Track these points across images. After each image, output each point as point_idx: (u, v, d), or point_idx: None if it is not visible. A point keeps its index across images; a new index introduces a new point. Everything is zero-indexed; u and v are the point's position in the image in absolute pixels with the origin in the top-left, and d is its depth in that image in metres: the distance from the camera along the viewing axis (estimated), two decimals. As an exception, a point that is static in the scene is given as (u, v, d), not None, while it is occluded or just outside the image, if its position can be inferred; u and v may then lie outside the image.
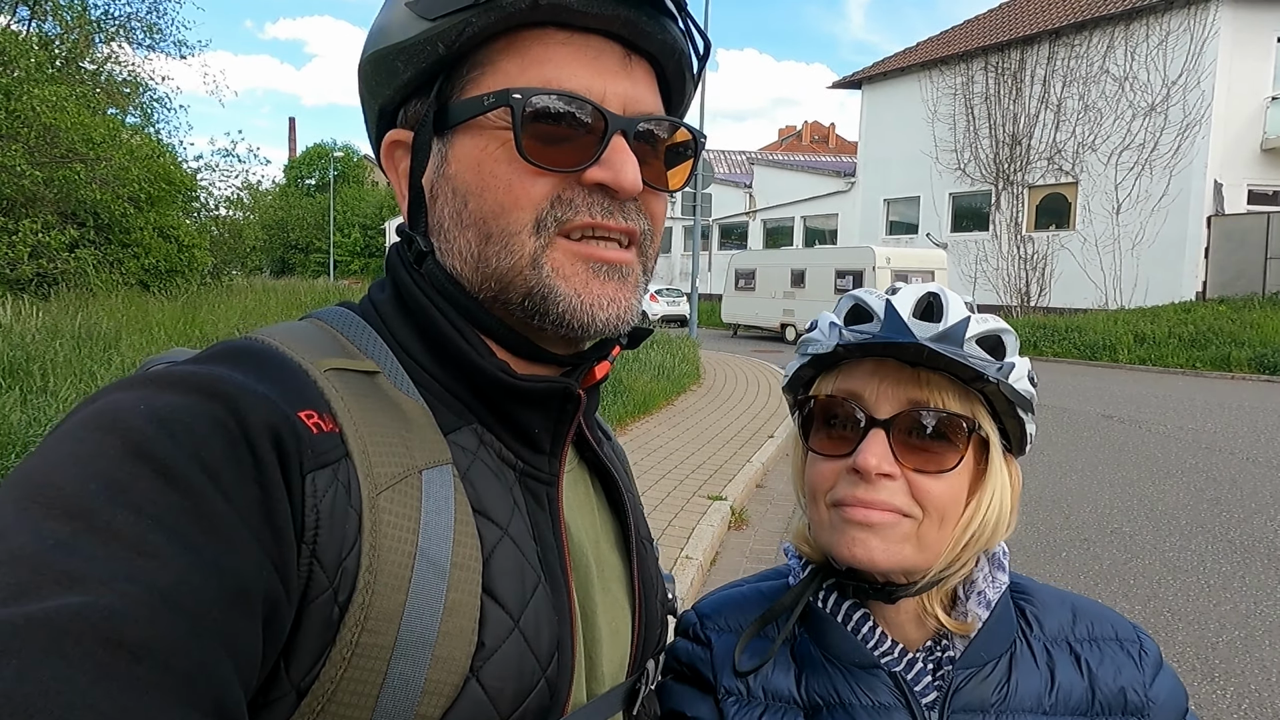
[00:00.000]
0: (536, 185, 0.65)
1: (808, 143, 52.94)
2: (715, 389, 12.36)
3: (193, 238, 16.60)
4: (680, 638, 0.98)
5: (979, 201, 25.48)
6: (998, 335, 0.87)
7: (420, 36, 0.66)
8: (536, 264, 0.66)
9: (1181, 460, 8.10)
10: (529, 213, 0.65)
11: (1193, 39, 20.48)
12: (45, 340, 6.75)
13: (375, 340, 0.70)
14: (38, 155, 12.31)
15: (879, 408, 0.84)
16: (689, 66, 0.74)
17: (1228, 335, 16.73)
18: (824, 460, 0.87)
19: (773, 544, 5.64)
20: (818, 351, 0.89)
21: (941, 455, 0.84)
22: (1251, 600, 4.65)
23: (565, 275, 0.66)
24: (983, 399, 0.86)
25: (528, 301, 0.67)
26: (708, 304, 29.90)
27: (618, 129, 0.66)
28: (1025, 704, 0.85)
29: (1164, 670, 0.90)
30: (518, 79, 0.66)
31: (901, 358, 0.84)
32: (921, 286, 0.89)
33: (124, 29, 18.13)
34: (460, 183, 0.68)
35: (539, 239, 0.66)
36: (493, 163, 0.66)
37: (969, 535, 0.86)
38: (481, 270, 0.68)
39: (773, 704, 0.89)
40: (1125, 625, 0.93)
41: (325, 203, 54.26)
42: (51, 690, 0.38)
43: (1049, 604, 0.93)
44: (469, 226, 0.67)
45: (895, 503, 0.82)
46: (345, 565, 0.55)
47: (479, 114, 0.66)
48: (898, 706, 0.84)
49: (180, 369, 0.57)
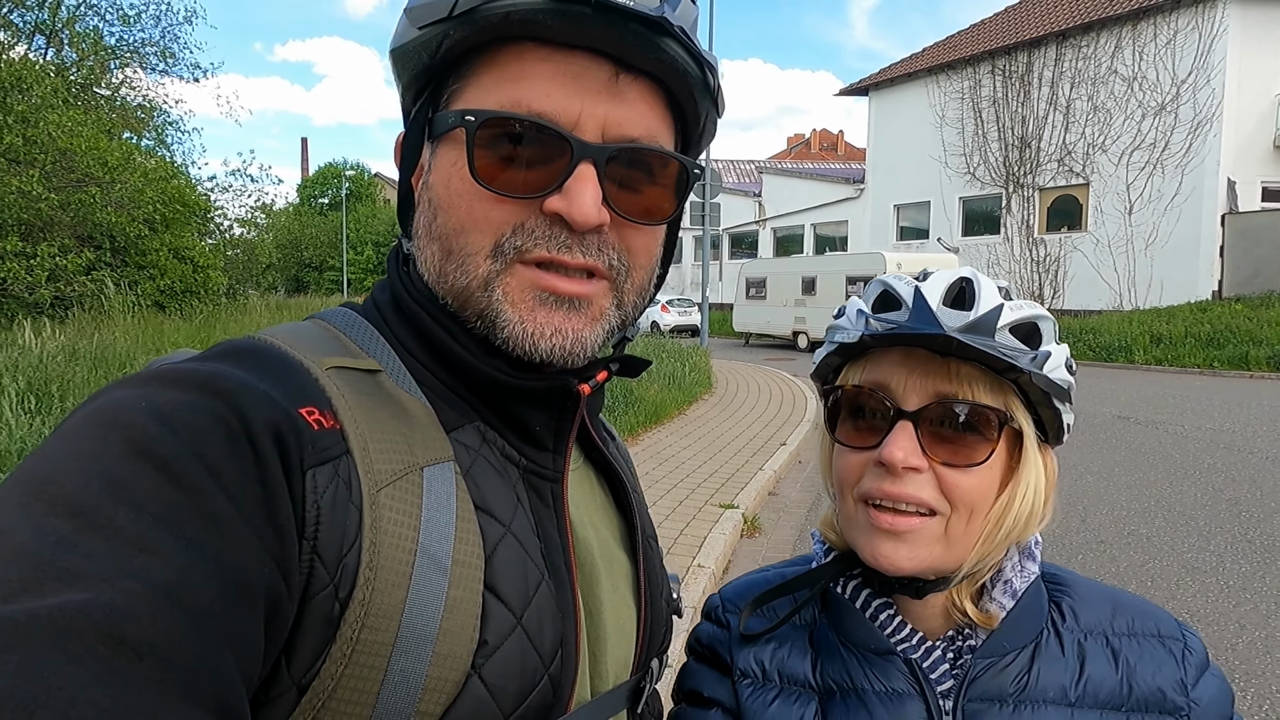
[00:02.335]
0: (496, 210, 0.64)
1: (816, 150, 52.88)
2: (727, 398, 12.33)
3: (207, 258, 16.76)
4: (704, 620, 0.98)
5: (990, 205, 25.35)
6: (1033, 322, 0.83)
7: (410, 44, 0.67)
8: (488, 287, 0.65)
9: (1199, 460, 8.00)
10: (488, 237, 0.65)
11: (1201, 37, 20.35)
12: (64, 361, 6.84)
13: (377, 340, 0.70)
14: (54, 180, 12.48)
15: (907, 399, 0.82)
16: (701, 86, 0.69)
17: (1245, 334, 16.54)
18: (851, 452, 0.85)
19: (786, 552, 5.61)
20: (844, 340, 0.86)
21: (971, 449, 0.81)
22: (1273, 601, 4.58)
23: (514, 301, 0.65)
24: (1016, 389, 0.83)
25: (480, 322, 0.67)
26: (719, 313, 29.82)
27: (585, 157, 0.63)
28: (1047, 695, 0.82)
29: (1210, 671, 0.87)
30: (489, 95, 0.65)
31: (930, 347, 0.81)
32: (954, 272, 0.85)
33: (138, 55, 18.41)
34: (433, 194, 0.68)
35: (495, 263, 0.65)
36: (459, 180, 0.65)
37: (1002, 530, 0.83)
38: (441, 284, 0.68)
39: (787, 687, 0.88)
40: (1169, 622, 0.89)
41: (338, 221, 54.69)
42: (53, 687, 0.38)
43: (1087, 597, 0.90)
44: (435, 239, 0.68)
45: (922, 496, 0.80)
46: (346, 561, 0.55)
47: (450, 129, 0.66)
48: (911, 694, 0.83)
49: (182, 366, 0.57)
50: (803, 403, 11.83)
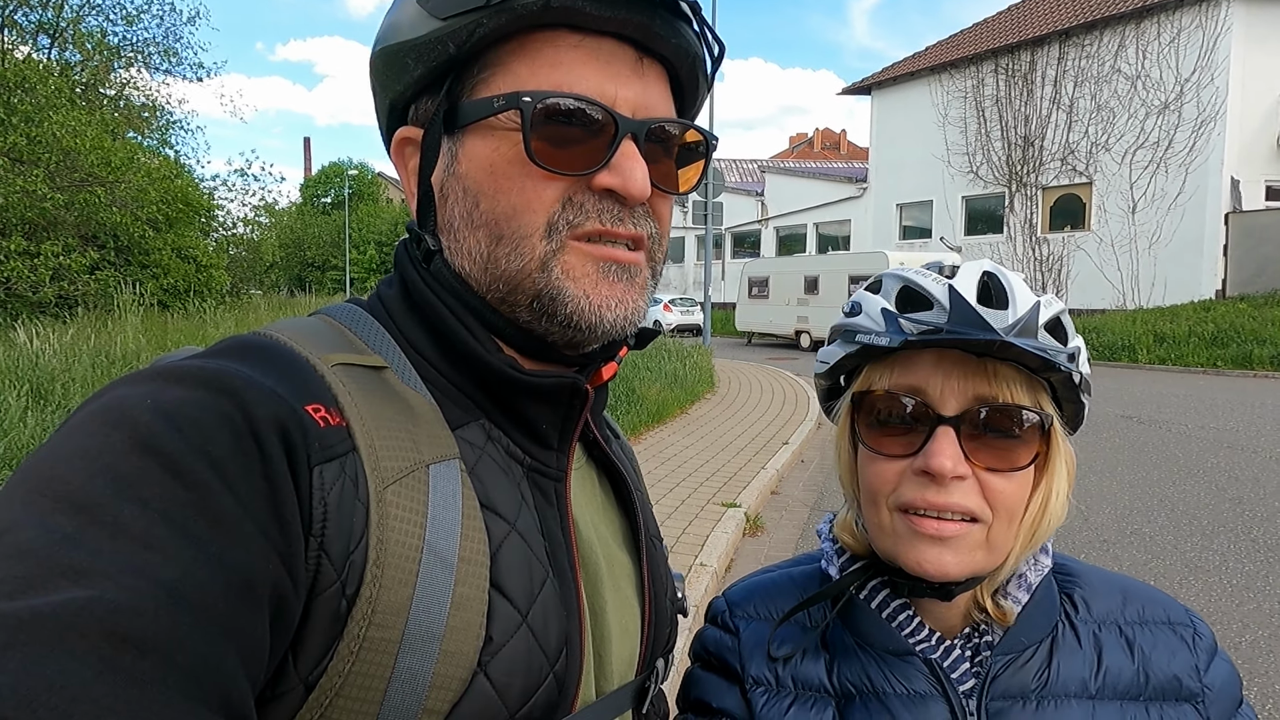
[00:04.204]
0: (548, 189, 0.65)
1: (819, 149, 52.86)
2: (729, 397, 12.33)
3: (211, 258, 16.80)
4: (709, 625, 0.95)
5: (992, 204, 25.32)
6: (1058, 316, 0.81)
7: (431, 35, 0.66)
8: (546, 267, 0.66)
9: (1203, 460, 7.99)
10: (541, 216, 0.66)
11: (1205, 35, 20.31)
12: (67, 360, 6.85)
13: (383, 336, 0.69)
14: (58, 179, 12.53)
15: (945, 404, 0.78)
16: (702, 69, 0.73)
17: (1249, 333, 16.49)
18: (884, 460, 0.81)
19: (788, 550, 5.62)
20: (873, 342, 0.81)
21: (1014, 453, 0.79)
22: (1276, 599, 4.57)
23: (575, 277, 0.66)
24: (1046, 385, 0.81)
25: (535, 303, 0.67)
26: (721, 312, 29.80)
27: (627, 132, 0.66)
28: (1069, 688, 0.81)
29: (1219, 656, 0.86)
30: (528, 81, 0.65)
31: (971, 349, 0.78)
32: (976, 265, 0.82)
33: (142, 55, 18.45)
34: (471, 183, 0.68)
35: (550, 242, 0.66)
36: (505, 164, 0.66)
37: (1040, 528, 0.82)
38: (490, 271, 0.68)
39: (803, 693, 0.85)
40: (1178, 609, 0.88)
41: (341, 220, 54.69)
42: (56, 684, 0.38)
43: (1097, 587, 0.89)
44: (479, 227, 0.67)
45: (968, 505, 0.77)
46: (353, 559, 0.55)
47: (489, 115, 0.66)
48: (934, 695, 0.81)
49: (187, 364, 0.56)
50: (805, 402, 11.82)
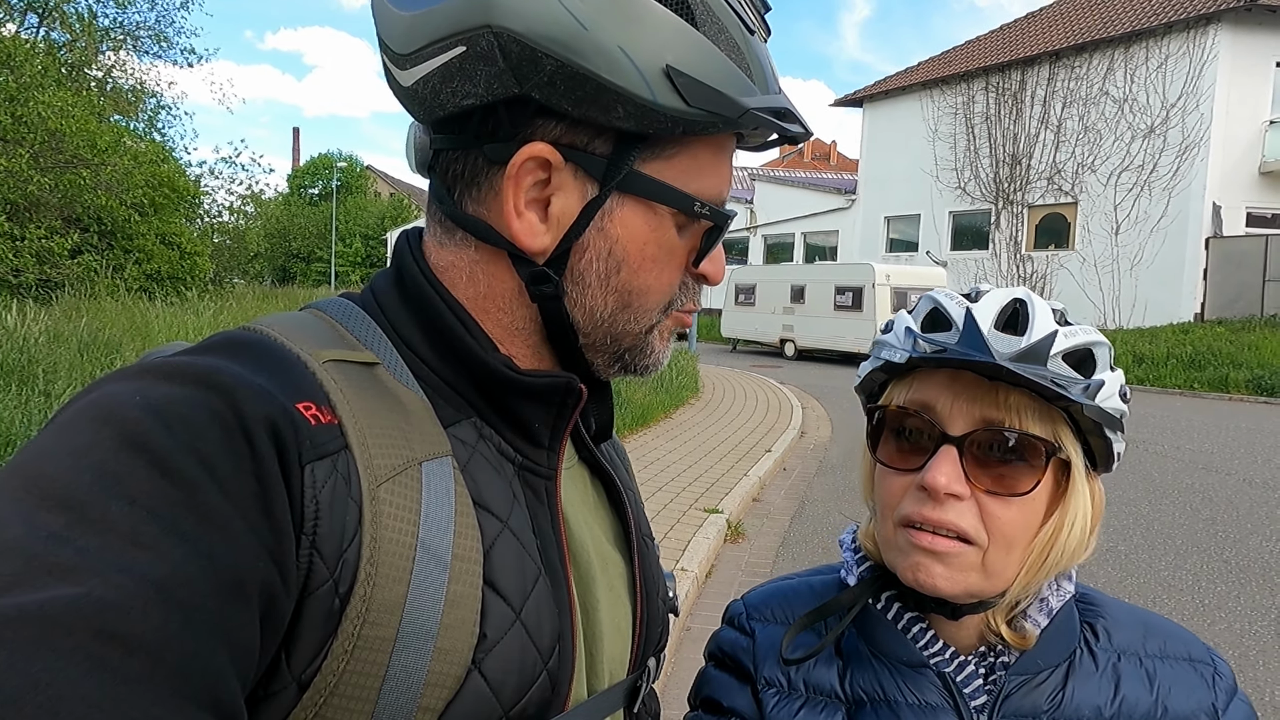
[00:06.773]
0: (676, 276, 0.72)
1: (809, 160, 53.11)
2: (714, 403, 12.35)
3: (195, 245, 16.63)
4: (725, 626, 0.97)
5: (979, 220, 25.52)
6: (1087, 349, 0.81)
7: (666, 109, 0.62)
8: (650, 331, 0.73)
9: (1178, 480, 8.09)
10: (666, 296, 0.72)
11: (1192, 62, 20.58)
12: (48, 344, 6.77)
13: (375, 331, 0.69)
14: (43, 160, 12.37)
15: (952, 423, 0.80)
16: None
17: (1226, 357, 16.72)
18: (894, 474, 0.83)
19: (769, 557, 5.63)
20: (891, 358, 0.84)
21: (1015, 479, 0.79)
22: (1245, 620, 4.64)
23: (663, 339, 0.74)
24: (1066, 416, 0.81)
25: (627, 355, 0.73)
26: (707, 319, 29.88)
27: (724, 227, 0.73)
28: (1082, 714, 0.81)
29: (1238, 696, 0.86)
30: (707, 172, 0.69)
31: (979, 372, 0.79)
32: (1008, 292, 0.83)
33: (132, 38, 18.27)
34: (619, 248, 0.68)
35: (664, 316, 0.73)
36: (657, 248, 0.69)
37: (1048, 561, 0.81)
38: (601, 326, 0.70)
39: (813, 697, 0.86)
40: (1200, 646, 0.89)
41: (328, 212, 54.29)
42: (42, 682, 0.38)
43: (1120, 618, 0.89)
44: (612, 292, 0.69)
45: (961, 524, 0.78)
46: (346, 557, 0.55)
47: (668, 200, 0.67)
48: (945, 708, 0.82)
49: (177, 360, 0.56)
50: (789, 410, 11.87)
